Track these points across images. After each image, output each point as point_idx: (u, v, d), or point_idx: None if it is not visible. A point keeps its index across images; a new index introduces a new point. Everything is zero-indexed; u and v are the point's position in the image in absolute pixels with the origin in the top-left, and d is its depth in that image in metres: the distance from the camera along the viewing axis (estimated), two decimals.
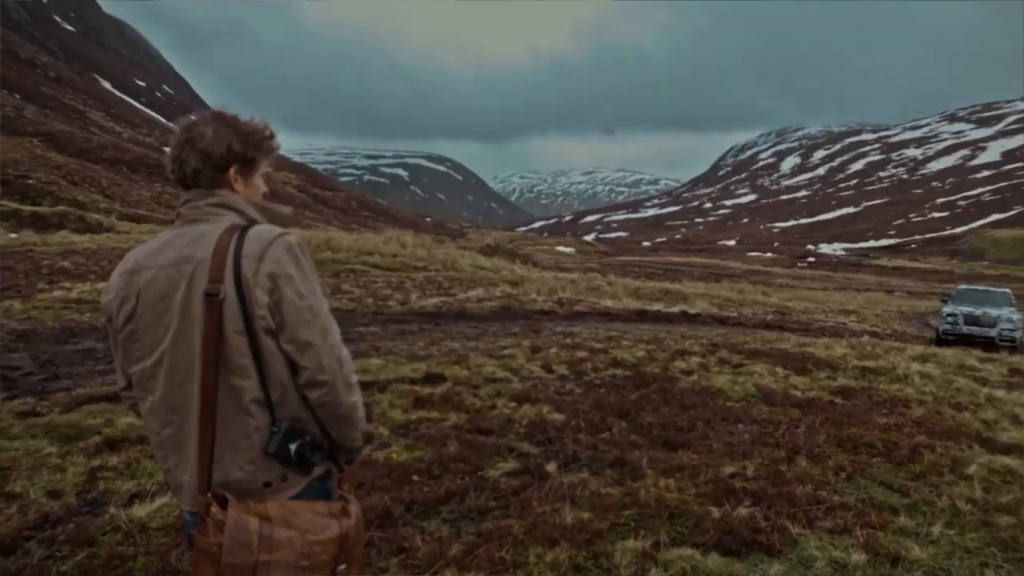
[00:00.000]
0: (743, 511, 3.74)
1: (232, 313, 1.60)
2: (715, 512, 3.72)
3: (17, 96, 61.04)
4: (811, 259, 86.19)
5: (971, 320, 17.01)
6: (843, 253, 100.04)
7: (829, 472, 4.48)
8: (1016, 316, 16.49)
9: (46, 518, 3.41)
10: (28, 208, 27.45)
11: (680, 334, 10.45)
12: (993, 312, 16.55)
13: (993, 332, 16.46)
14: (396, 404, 5.72)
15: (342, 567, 1.67)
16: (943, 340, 16.61)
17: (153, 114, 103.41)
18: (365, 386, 6.23)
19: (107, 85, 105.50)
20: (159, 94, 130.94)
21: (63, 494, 3.69)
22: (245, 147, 1.72)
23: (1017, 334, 16.05)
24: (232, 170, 1.72)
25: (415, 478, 4.16)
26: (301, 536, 1.60)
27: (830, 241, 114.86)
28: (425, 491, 3.97)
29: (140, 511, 3.43)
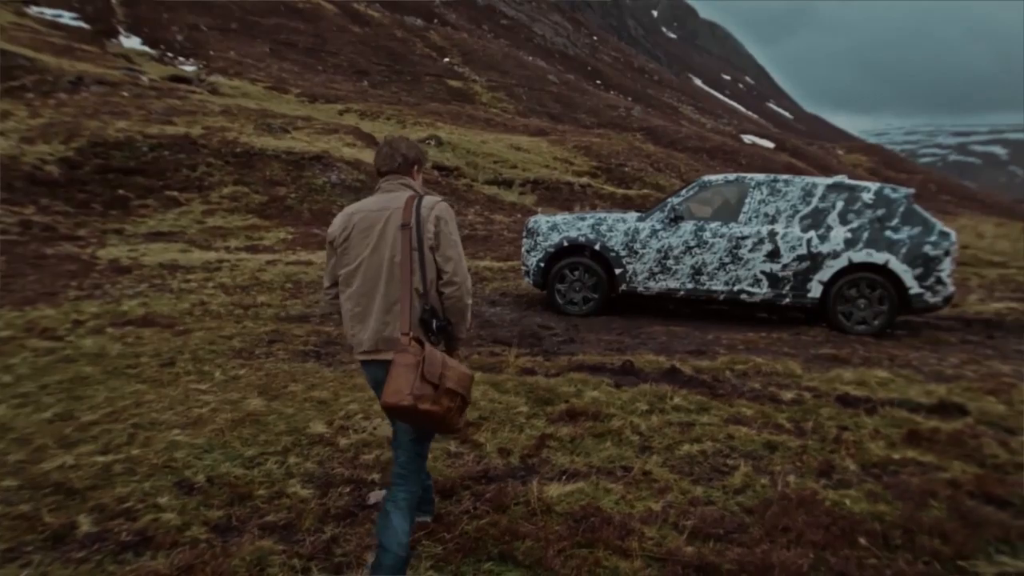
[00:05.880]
0: None
1: (413, 237, 2.63)
2: None
3: (629, 99, 71.10)
4: None
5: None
6: None
7: None
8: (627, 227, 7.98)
9: (486, 472, 3.66)
10: (620, 191, 31.82)
11: None
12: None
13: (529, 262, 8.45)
14: (882, 434, 4.50)
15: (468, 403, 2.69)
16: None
17: (735, 104, 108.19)
18: (851, 402, 5.14)
19: (698, 82, 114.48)
20: (741, 85, 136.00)
21: (511, 454, 3.92)
22: (419, 155, 2.89)
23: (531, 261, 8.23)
24: (415, 168, 2.87)
25: (861, 541, 3.13)
26: (458, 367, 2.58)
27: None
28: (869, 564, 2.95)
29: (553, 491, 3.39)
